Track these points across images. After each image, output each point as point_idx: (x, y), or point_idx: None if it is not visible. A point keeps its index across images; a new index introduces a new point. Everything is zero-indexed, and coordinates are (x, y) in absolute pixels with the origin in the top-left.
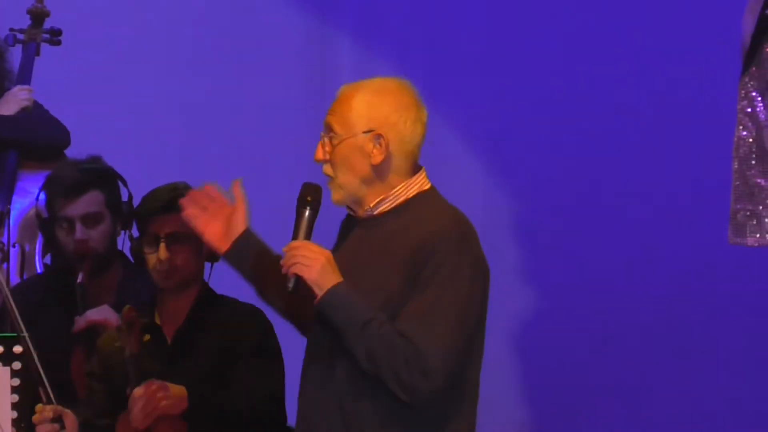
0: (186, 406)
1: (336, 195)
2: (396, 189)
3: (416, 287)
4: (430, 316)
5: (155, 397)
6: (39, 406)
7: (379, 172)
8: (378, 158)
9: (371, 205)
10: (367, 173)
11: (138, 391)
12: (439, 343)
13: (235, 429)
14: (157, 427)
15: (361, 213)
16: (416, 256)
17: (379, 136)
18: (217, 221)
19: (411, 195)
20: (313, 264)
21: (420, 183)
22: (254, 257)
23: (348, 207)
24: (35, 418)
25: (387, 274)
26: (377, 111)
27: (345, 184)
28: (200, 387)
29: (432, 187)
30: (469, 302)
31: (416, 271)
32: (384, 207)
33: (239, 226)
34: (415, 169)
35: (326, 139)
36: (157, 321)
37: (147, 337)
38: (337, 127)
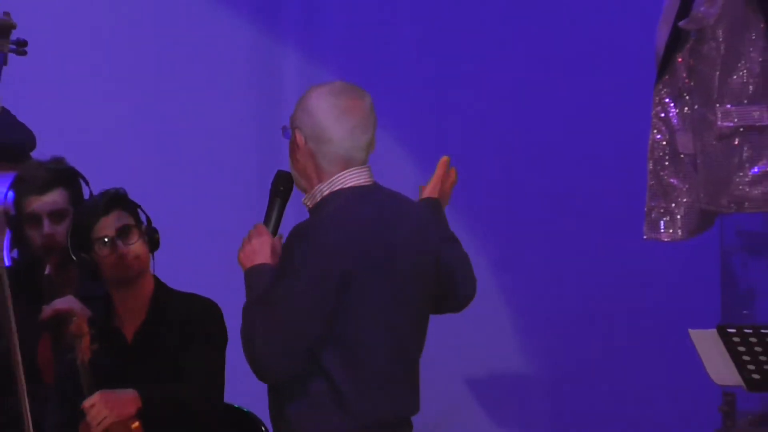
0: (138, 406)
1: None
2: (316, 187)
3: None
4: (268, 304)
5: (105, 406)
6: None
7: (306, 169)
8: (300, 154)
9: (304, 200)
10: (300, 168)
11: (87, 402)
12: (262, 331)
13: (188, 418)
14: (111, 430)
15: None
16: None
17: (298, 132)
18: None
19: (326, 194)
20: (245, 247)
21: (342, 182)
22: None
23: None
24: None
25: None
26: (301, 109)
27: (295, 175)
28: (158, 382)
29: (350, 188)
30: (296, 295)
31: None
32: (310, 202)
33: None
34: (342, 169)
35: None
36: (116, 322)
37: (95, 346)
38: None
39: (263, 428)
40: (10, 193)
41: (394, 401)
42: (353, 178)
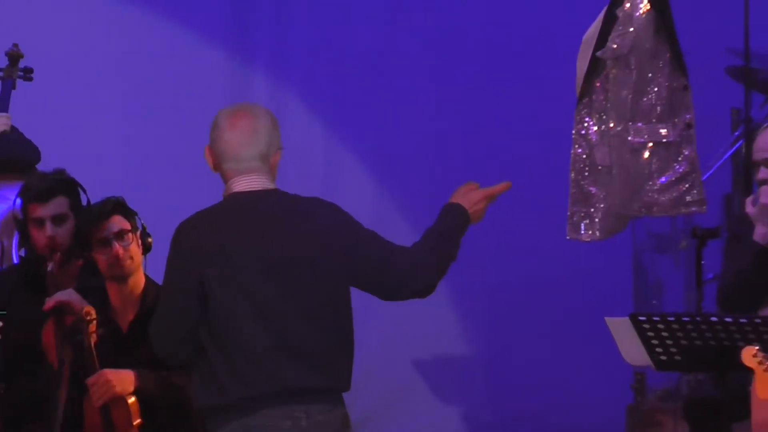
0: (135, 386)
1: None
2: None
3: None
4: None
5: (106, 383)
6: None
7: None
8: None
9: None
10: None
11: (91, 379)
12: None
13: (177, 398)
14: (113, 405)
15: None
16: None
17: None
18: None
19: (224, 197)
20: None
21: (229, 187)
22: None
23: None
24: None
25: None
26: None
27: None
28: (150, 368)
29: (229, 194)
30: (168, 291)
31: None
32: None
33: None
34: (233, 176)
35: None
36: (112, 314)
37: (100, 331)
38: None
39: None
40: (18, 200)
41: (270, 375)
42: (241, 184)
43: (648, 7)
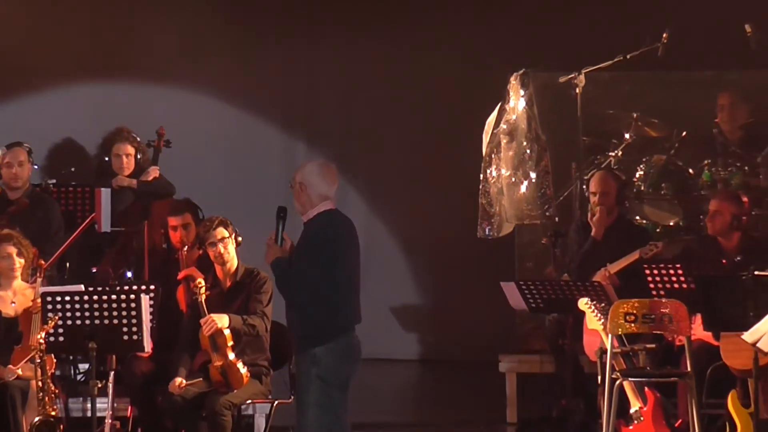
0: (228, 323)
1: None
2: (309, 211)
3: None
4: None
5: (211, 321)
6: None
7: (304, 201)
8: (299, 194)
9: (302, 216)
10: (302, 201)
11: (202, 320)
12: (296, 285)
13: (252, 331)
14: (215, 334)
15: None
16: None
17: (300, 183)
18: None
19: (313, 215)
20: (268, 252)
21: (320, 207)
22: None
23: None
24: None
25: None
26: (301, 172)
27: (297, 206)
28: (237, 314)
29: (325, 210)
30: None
31: None
32: (305, 218)
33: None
34: (321, 200)
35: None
36: (218, 282)
37: (207, 292)
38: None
39: None
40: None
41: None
42: (327, 205)
43: (523, 105)
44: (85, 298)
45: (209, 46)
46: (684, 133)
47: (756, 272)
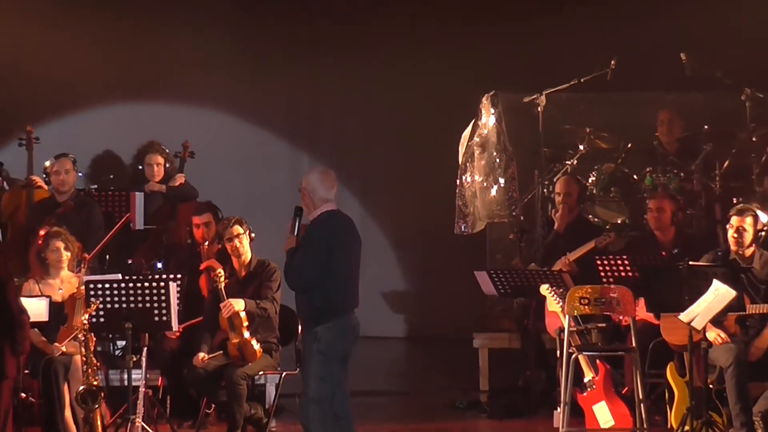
0: (244, 307)
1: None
2: (313, 212)
3: None
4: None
5: (229, 305)
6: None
7: (308, 203)
8: (305, 197)
9: (308, 216)
10: (306, 203)
11: (222, 304)
12: (297, 269)
13: (264, 314)
14: (233, 316)
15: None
16: None
17: (306, 188)
18: None
19: (316, 215)
20: (287, 243)
21: (323, 208)
22: None
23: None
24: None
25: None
26: (306, 179)
27: (305, 206)
28: (252, 299)
29: (327, 210)
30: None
31: None
32: (311, 217)
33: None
34: (322, 202)
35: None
36: (235, 272)
37: (226, 281)
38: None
39: None
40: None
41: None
42: (329, 206)
43: (493, 121)
44: (122, 285)
45: (227, 72)
46: (629, 145)
47: (690, 263)
